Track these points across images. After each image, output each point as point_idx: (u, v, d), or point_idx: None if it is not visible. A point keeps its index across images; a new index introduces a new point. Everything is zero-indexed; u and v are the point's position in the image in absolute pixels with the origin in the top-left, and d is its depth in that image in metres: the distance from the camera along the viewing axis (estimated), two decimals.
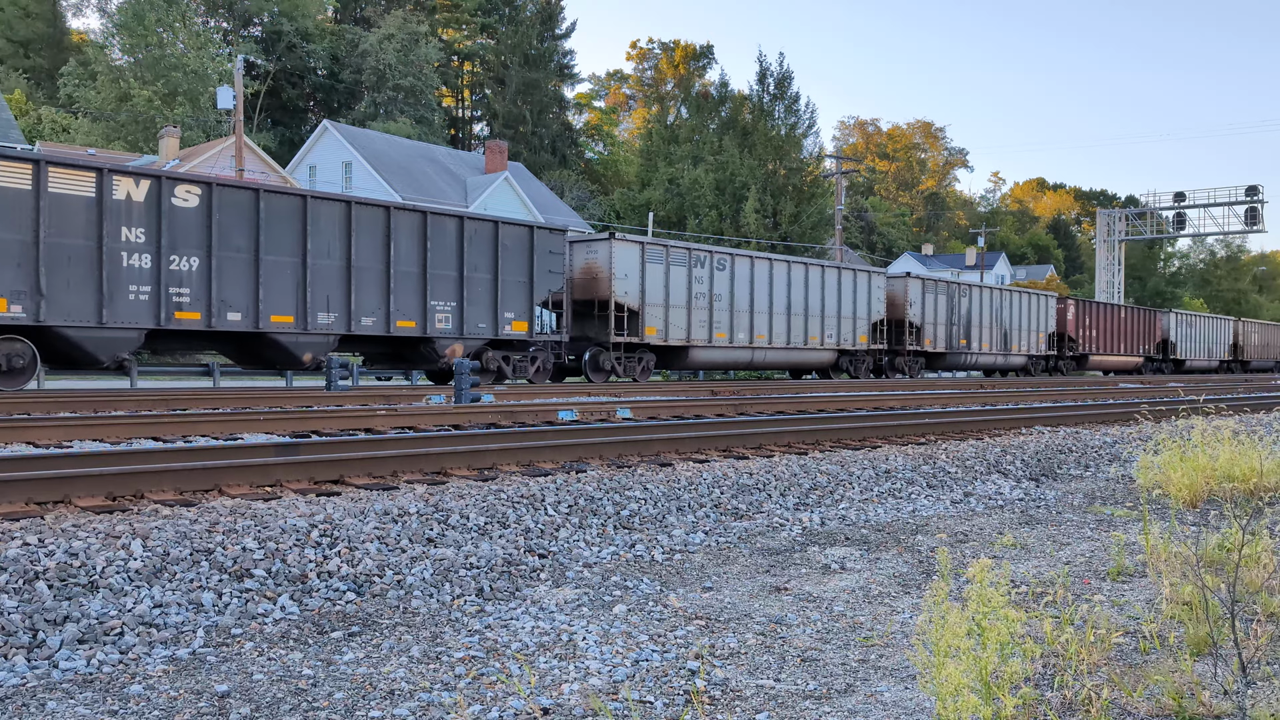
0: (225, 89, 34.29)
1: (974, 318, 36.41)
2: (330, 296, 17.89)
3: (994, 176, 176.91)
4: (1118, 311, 46.03)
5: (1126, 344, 45.98)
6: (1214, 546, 5.14)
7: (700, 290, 25.41)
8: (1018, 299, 39.23)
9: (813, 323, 29.15)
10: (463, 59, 74.32)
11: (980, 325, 36.79)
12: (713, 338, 25.67)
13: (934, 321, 34.13)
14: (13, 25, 61.05)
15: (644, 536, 6.20)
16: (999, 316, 37.94)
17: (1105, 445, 11.62)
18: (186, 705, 3.40)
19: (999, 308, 38.05)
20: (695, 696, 3.49)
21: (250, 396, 14.19)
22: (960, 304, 35.54)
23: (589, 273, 23.41)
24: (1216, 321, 57.13)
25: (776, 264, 28.00)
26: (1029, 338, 39.79)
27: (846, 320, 30.38)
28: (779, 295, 27.92)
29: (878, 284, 31.92)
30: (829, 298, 29.73)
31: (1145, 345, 47.55)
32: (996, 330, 37.76)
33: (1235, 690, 3.36)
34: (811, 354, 29.24)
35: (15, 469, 5.96)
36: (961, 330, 35.59)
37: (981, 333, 36.85)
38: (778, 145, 53.05)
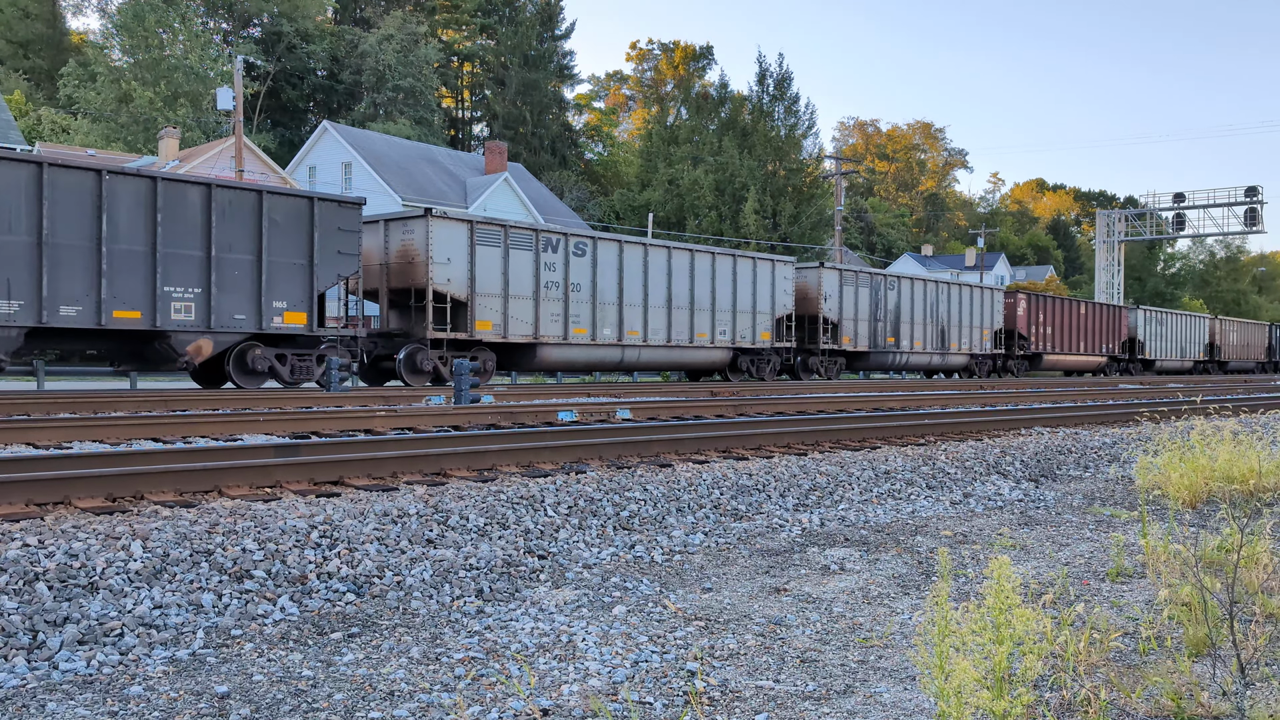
0: (225, 90, 34.27)
1: (904, 312, 32.76)
2: (11, 280, 14.41)
3: (993, 177, 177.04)
4: (1076, 307, 42.46)
5: (1088, 342, 42.76)
6: (1213, 547, 5.15)
7: (552, 279, 21.90)
8: (958, 292, 35.64)
9: (701, 317, 25.55)
10: (462, 60, 74.32)
11: (912, 321, 33.08)
12: (569, 334, 22.18)
13: (854, 317, 30.58)
14: (12, 26, 61.04)
15: (644, 537, 6.20)
16: (934, 312, 34.17)
17: (1104, 446, 11.62)
18: (186, 706, 3.41)
19: (934, 302, 34.26)
20: (694, 697, 3.49)
21: (250, 398, 14.19)
22: (887, 297, 31.98)
23: (405, 256, 19.95)
24: (1190, 319, 53.66)
25: (654, 250, 24.56)
26: (972, 335, 36.20)
27: (745, 315, 26.75)
28: (657, 285, 24.40)
29: (784, 274, 28.19)
30: (723, 289, 26.17)
31: (1109, 344, 44.38)
32: (932, 327, 34.07)
33: (1234, 691, 3.36)
34: (700, 353, 25.76)
35: (15, 470, 5.96)
36: (889, 326, 32.04)
37: (913, 329, 33.19)
38: (777, 146, 53.09)
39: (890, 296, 32.27)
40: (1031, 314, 39.20)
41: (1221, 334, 55.92)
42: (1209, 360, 54.53)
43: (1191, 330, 52.84)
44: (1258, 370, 60.76)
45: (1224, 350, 55.75)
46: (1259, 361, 61.17)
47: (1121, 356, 45.58)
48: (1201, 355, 53.40)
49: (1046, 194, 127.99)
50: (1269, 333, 63.01)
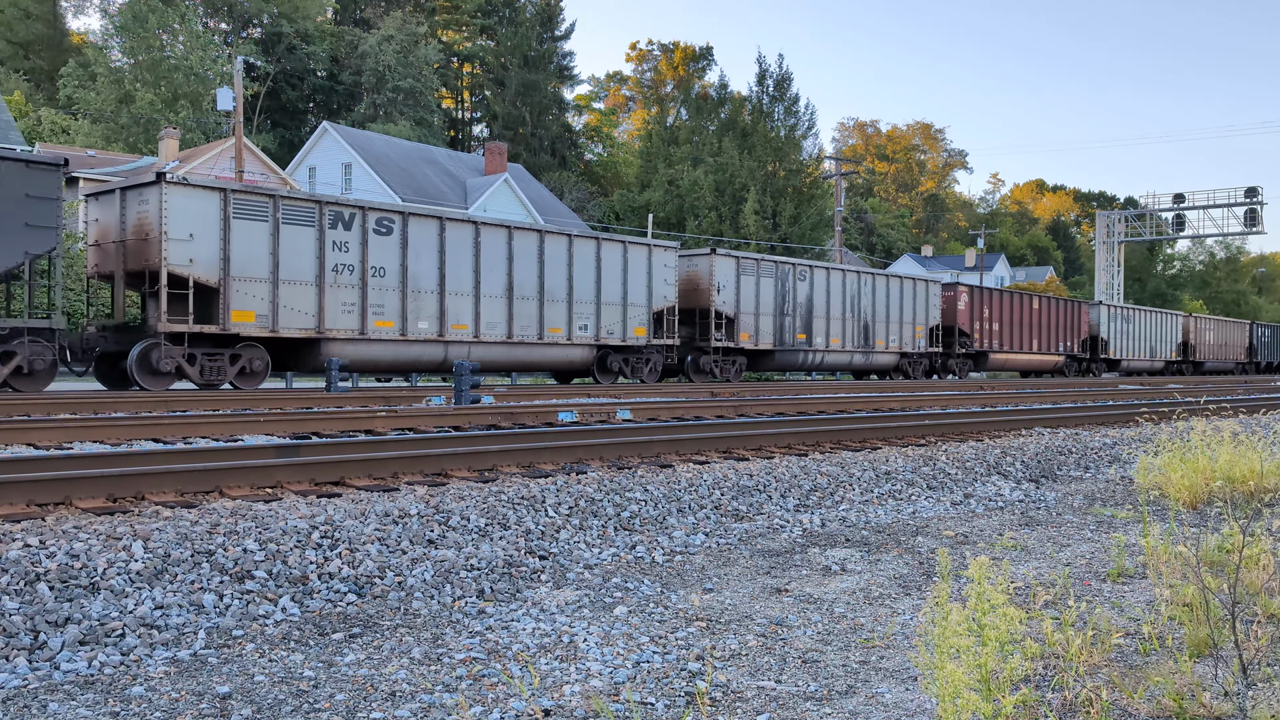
0: (225, 90, 34.28)
1: (818, 306, 29.49)
2: None
3: (993, 178, 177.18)
4: (1027, 301, 39.32)
5: (1042, 340, 39.69)
6: (1214, 548, 5.15)
7: (345, 261, 18.67)
8: (884, 284, 32.33)
9: (554, 310, 22.12)
10: (462, 60, 74.34)
11: (829, 316, 29.79)
12: (368, 327, 19.01)
13: (755, 311, 27.18)
14: (13, 27, 61.05)
15: (644, 538, 6.20)
16: (856, 305, 30.85)
17: (1105, 447, 11.63)
18: (188, 707, 3.41)
19: (856, 294, 30.88)
20: (697, 698, 3.49)
21: (250, 398, 14.19)
22: (796, 289, 28.65)
23: (141, 232, 16.89)
24: (1160, 316, 50.04)
25: (489, 230, 21.00)
26: (903, 332, 32.72)
27: (613, 308, 23.34)
28: (494, 271, 21.00)
29: (664, 261, 24.78)
30: (583, 278, 22.83)
31: (1067, 342, 41.28)
32: (853, 323, 30.73)
33: (1236, 692, 3.36)
34: (554, 351, 22.43)
35: (16, 470, 5.96)
36: (800, 322, 28.72)
37: (830, 325, 29.85)
38: (777, 146, 53.07)
39: (800, 288, 28.88)
40: (974, 309, 35.89)
41: (1196, 332, 52.61)
42: (1182, 360, 51.53)
43: (1162, 328, 49.70)
44: (1237, 371, 57.39)
45: (1199, 350, 52.51)
46: (1239, 362, 57.79)
47: (1082, 356, 42.86)
48: (1174, 355, 50.43)
49: (1046, 195, 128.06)
50: (1250, 332, 59.79)
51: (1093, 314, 43.81)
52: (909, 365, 33.46)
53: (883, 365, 32.64)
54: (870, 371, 33.24)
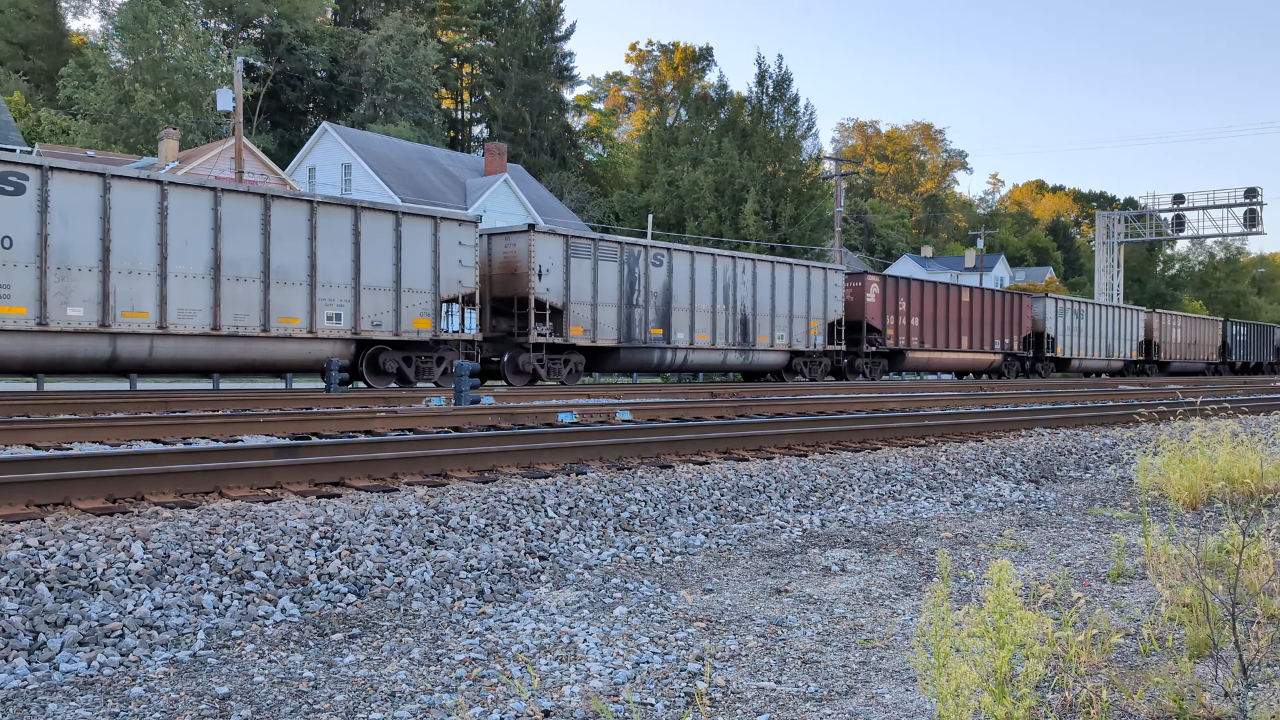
0: (225, 91, 34.27)
1: (680, 296, 24.99)
2: None
3: (993, 178, 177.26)
4: (956, 294, 35.06)
5: (974, 337, 35.53)
6: (1214, 548, 5.14)
7: None
8: (768, 272, 27.53)
9: (288, 295, 17.57)
10: (462, 61, 74.36)
11: (694, 308, 25.35)
12: None
13: (592, 301, 22.67)
14: (13, 27, 61.06)
15: (644, 538, 6.20)
16: (731, 296, 26.42)
17: (1105, 447, 11.63)
18: (187, 707, 3.40)
19: (731, 283, 26.41)
20: (696, 698, 3.49)
21: (250, 398, 14.19)
22: (650, 276, 24.15)
23: None
24: (1118, 312, 45.91)
25: (180, 193, 16.54)
26: (794, 327, 28.29)
27: (379, 294, 18.84)
28: (192, 245, 16.60)
29: (456, 237, 19.99)
30: (333, 255, 18.11)
31: (1006, 339, 37.36)
32: (727, 316, 26.29)
33: (1236, 692, 3.36)
34: (286, 347, 17.77)
35: (15, 471, 5.96)
36: (655, 314, 24.25)
37: (696, 319, 25.40)
38: (777, 147, 53.09)
39: (656, 275, 24.35)
40: (888, 301, 31.75)
41: (1161, 330, 48.63)
42: (1144, 360, 47.64)
43: (1120, 325, 45.64)
44: (1208, 372, 53.25)
45: (1164, 349, 48.64)
46: (1210, 363, 53.63)
47: (1024, 354, 38.96)
48: (1135, 354, 46.54)
49: (1046, 195, 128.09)
50: (1222, 330, 55.73)
51: (1037, 308, 40.07)
52: (804, 365, 29.06)
53: (768, 365, 28.02)
54: (752, 373, 28.91)
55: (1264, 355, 59.34)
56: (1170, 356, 48.84)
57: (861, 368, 31.60)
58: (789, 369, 28.61)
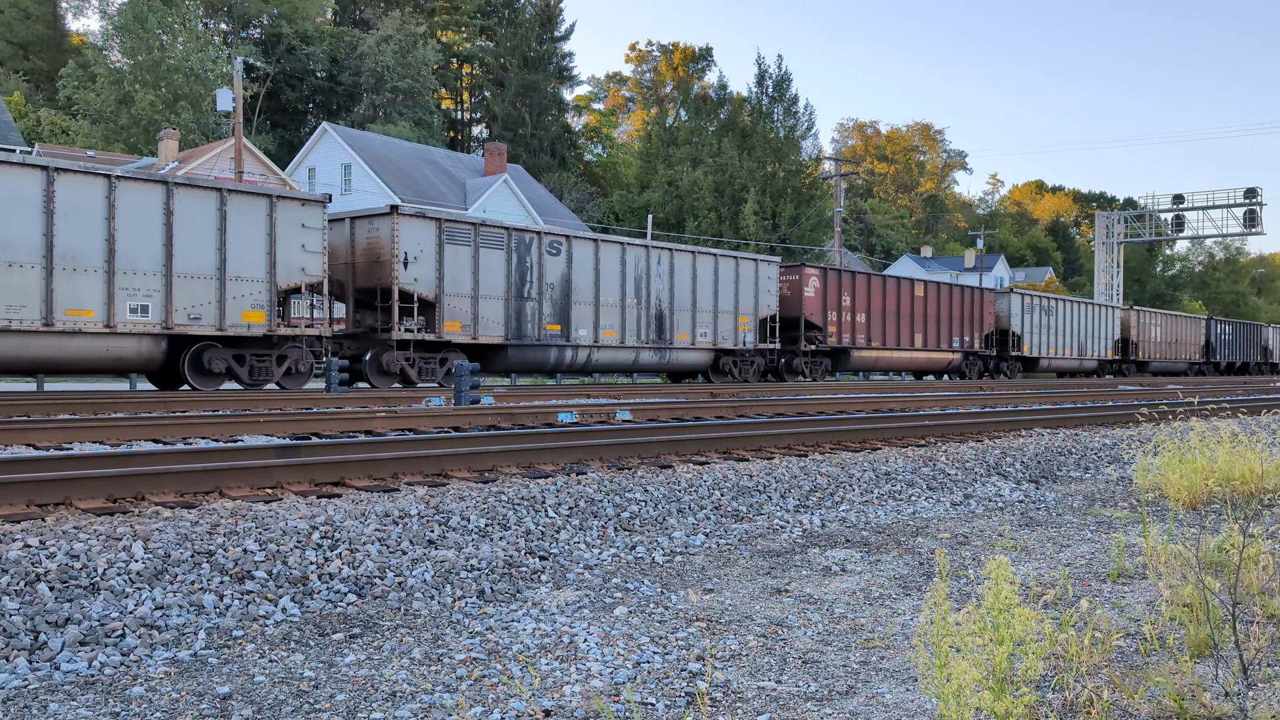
0: (225, 91, 34.28)
1: (582, 288, 22.33)
2: None
3: (992, 178, 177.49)
4: (908, 288, 32.43)
5: (929, 334, 32.96)
6: (1214, 548, 5.15)
7: None
8: (689, 263, 24.94)
9: (87, 283, 15.22)
10: (462, 61, 74.37)
11: (599, 302, 22.69)
12: None
13: (472, 293, 20.20)
14: (13, 27, 61.07)
15: (644, 538, 6.20)
16: (644, 289, 23.76)
17: (1105, 447, 11.63)
18: (188, 707, 3.40)
19: (644, 275, 23.70)
20: (697, 698, 3.49)
21: (250, 399, 14.19)
22: (545, 266, 21.46)
23: None
24: (1092, 309, 43.14)
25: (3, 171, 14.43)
26: (720, 324, 25.73)
27: (203, 283, 16.44)
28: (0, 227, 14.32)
29: (300, 219, 17.61)
30: (135, 240, 15.72)
31: (966, 336, 34.85)
32: (639, 311, 23.62)
33: (1236, 692, 3.37)
34: (74, 343, 15.28)
35: (16, 471, 5.96)
36: (550, 309, 21.66)
37: (601, 314, 22.72)
38: (776, 147, 53.13)
39: (553, 265, 21.77)
40: (830, 295, 29.14)
41: (1139, 327, 45.97)
42: (1122, 360, 45.19)
43: (1094, 322, 42.99)
44: (1190, 373, 50.76)
45: (1143, 348, 46.13)
46: (1192, 363, 51.00)
47: (986, 353, 36.51)
48: (1110, 353, 44.01)
49: (1046, 195, 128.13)
50: (1206, 329, 53.17)
51: (1001, 303, 37.54)
52: (734, 365, 26.59)
53: (689, 366, 25.53)
54: (671, 373, 26.34)
55: (1250, 355, 57.23)
56: (1149, 356, 46.70)
57: (801, 368, 28.76)
58: (716, 369, 26.15)
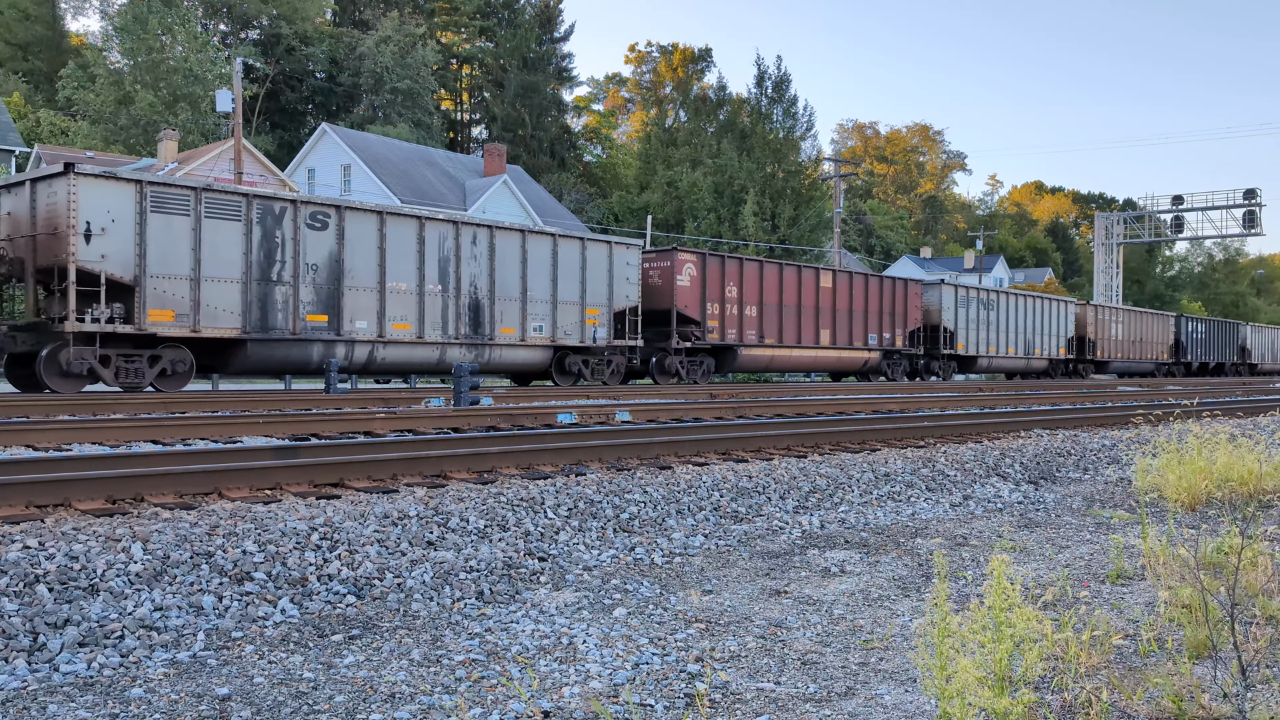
0: (224, 92, 34.29)
1: (360, 271, 18.62)
2: None
3: (992, 179, 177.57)
4: (813, 279, 28.83)
5: (839, 330, 29.58)
6: (1212, 550, 5.15)
7: None
8: (516, 243, 21.29)
9: None
10: (461, 62, 74.38)
11: (384, 289, 18.88)
12: None
13: (193, 275, 16.41)
14: (12, 28, 61.09)
15: (644, 539, 6.20)
16: (454, 274, 20.16)
17: (1104, 448, 11.63)
18: (187, 708, 3.41)
19: (452, 256, 20.15)
20: (696, 699, 3.49)
21: (249, 399, 14.19)
22: (305, 243, 17.80)
23: None
24: (1041, 303, 39.43)
25: None
26: (563, 317, 22.14)
27: None
28: None
29: None
30: None
31: (887, 333, 31.32)
32: (447, 300, 20.09)
33: (1235, 693, 3.37)
34: None
35: (15, 472, 5.96)
36: (312, 295, 17.94)
37: (388, 303, 18.97)
38: (776, 148, 53.12)
39: (317, 242, 18.00)
40: (709, 286, 25.62)
41: (1097, 324, 42.39)
42: (1077, 359, 41.94)
43: (1045, 318, 39.46)
44: (1158, 374, 47.33)
45: (1101, 346, 42.64)
46: (1160, 363, 47.50)
47: (912, 352, 32.80)
48: (1063, 352, 40.67)
49: (1045, 196, 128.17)
50: (1176, 327, 49.57)
51: (930, 296, 33.84)
52: (583, 365, 22.77)
53: (519, 364, 21.89)
54: (497, 373, 22.47)
55: (1225, 355, 53.83)
56: (1109, 355, 43.27)
57: (675, 368, 25.08)
58: (561, 370, 22.42)
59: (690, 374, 25.73)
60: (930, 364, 34.28)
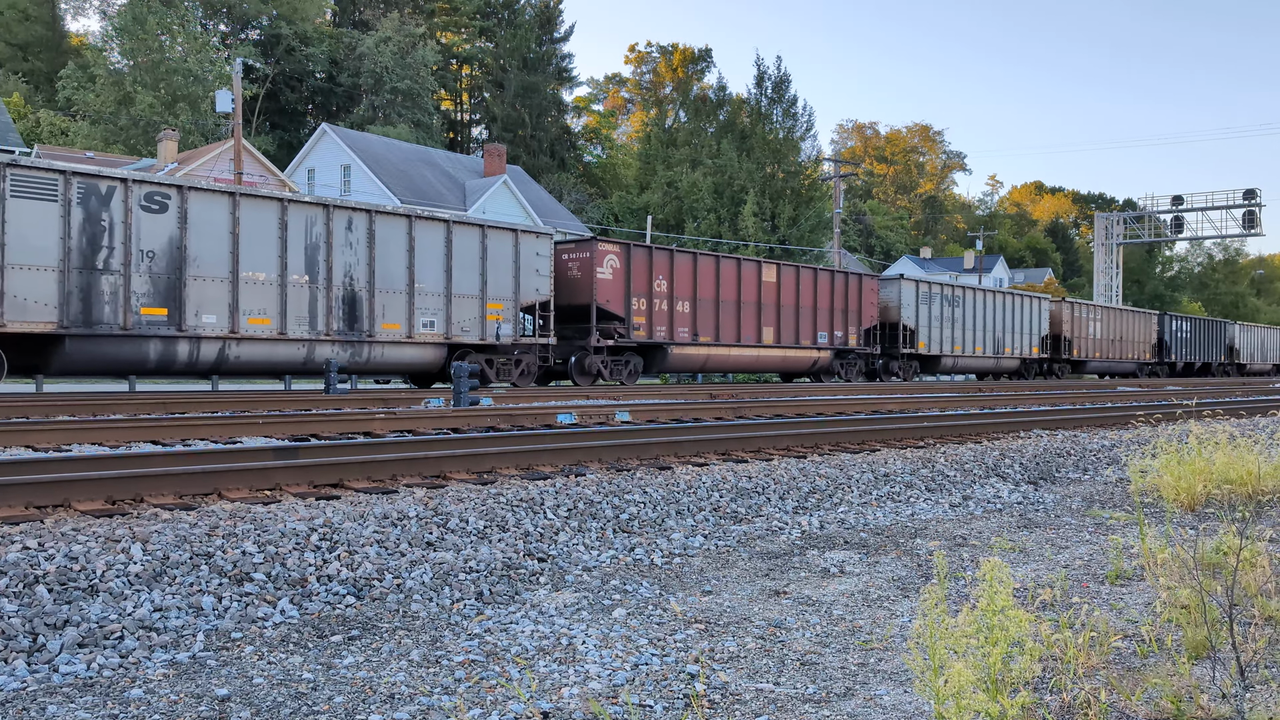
0: (224, 92, 34.30)
1: (207, 258, 16.61)
2: None
3: (992, 179, 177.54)
4: (754, 272, 26.83)
5: (786, 329, 27.66)
6: (1211, 550, 5.15)
7: None
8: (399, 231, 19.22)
9: None
10: (461, 62, 74.39)
11: (235, 279, 16.94)
12: None
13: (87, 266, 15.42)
14: (12, 28, 61.08)
15: (643, 540, 6.21)
16: (325, 263, 18.14)
17: (1103, 449, 11.64)
18: (187, 709, 3.41)
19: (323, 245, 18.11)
20: (695, 700, 3.49)
21: (249, 400, 14.19)
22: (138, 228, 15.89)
23: None
24: (1012, 301, 37.56)
25: None
26: (459, 311, 20.07)
27: None
28: None
29: None
30: None
31: (839, 331, 29.48)
32: (317, 292, 18.08)
33: (1233, 694, 3.37)
34: None
35: (15, 473, 5.96)
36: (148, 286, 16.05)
37: (241, 295, 16.98)
38: (776, 148, 53.13)
39: (154, 226, 16.17)
40: (635, 279, 23.56)
41: (1074, 322, 40.71)
42: (1051, 359, 40.26)
43: (1016, 316, 37.69)
44: (1140, 374, 45.83)
45: (1078, 345, 40.92)
46: (1142, 363, 45.92)
47: (867, 350, 30.79)
48: (1035, 351, 38.80)
49: (1045, 196, 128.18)
50: (1159, 325, 47.70)
51: (889, 292, 32.00)
52: (486, 364, 20.79)
53: (405, 363, 19.73)
54: (380, 373, 20.33)
55: (1213, 355, 51.98)
56: (1087, 354, 41.61)
57: (596, 367, 23.08)
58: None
59: (614, 374, 23.75)
60: (889, 364, 32.52)
